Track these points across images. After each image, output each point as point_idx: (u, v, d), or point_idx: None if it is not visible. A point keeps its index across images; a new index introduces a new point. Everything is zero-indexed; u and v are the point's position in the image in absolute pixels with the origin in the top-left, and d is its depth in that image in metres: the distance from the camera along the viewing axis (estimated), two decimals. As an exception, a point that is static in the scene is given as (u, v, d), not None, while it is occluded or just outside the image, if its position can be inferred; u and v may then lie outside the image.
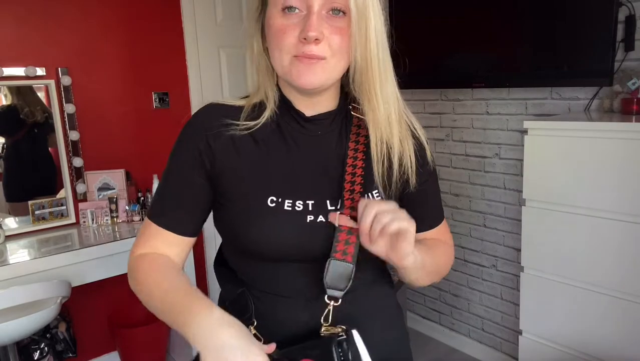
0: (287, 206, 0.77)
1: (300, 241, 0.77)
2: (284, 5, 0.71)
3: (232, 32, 2.96)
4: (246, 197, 0.78)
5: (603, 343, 1.62)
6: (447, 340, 2.82)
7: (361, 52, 0.73)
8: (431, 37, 2.49)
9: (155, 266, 0.80)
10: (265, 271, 0.80)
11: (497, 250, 2.50)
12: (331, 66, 0.73)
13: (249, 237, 0.77)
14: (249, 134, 0.79)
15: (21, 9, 2.30)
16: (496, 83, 2.29)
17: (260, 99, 0.81)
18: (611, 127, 1.55)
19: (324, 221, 0.77)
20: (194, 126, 0.83)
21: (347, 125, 0.83)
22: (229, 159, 0.79)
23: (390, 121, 0.77)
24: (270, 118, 0.80)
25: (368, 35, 0.72)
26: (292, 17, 0.71)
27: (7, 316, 1.81)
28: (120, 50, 2.60)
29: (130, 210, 2.53)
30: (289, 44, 0.72)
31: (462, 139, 2.56)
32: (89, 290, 2.48)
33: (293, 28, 0.71)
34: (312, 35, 0.69)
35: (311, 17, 0.69)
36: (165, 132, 2.80)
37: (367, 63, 0.73)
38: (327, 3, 0.70)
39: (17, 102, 2.38)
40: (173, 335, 2.71)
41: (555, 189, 1.67)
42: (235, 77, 3.00)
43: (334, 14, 0.71)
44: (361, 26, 0.71)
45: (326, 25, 0.71)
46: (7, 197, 2.40)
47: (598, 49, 1.85)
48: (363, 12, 0.70)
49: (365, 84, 0.75)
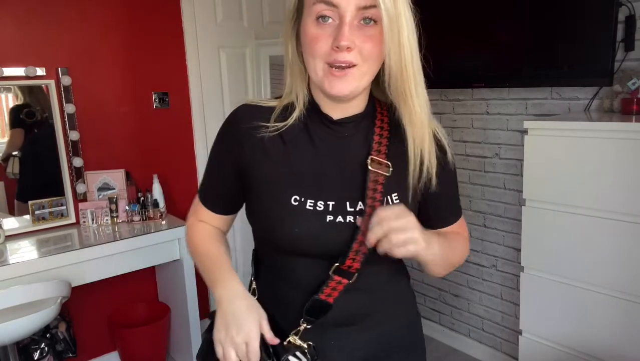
0: (309, 205, 0.82)
1: (319, 240, 0.82)
2: (317, 15, 0.74)
3: (232, 32, 2.96)
4: (272, 195, 0.84)
5: (603, 343, 1.62)
6: (447, 340, 2.82)
7: (395, 59, 0.75)
8: (431, 37, 2.48)
9: (201, 234, 0.96)
10: (284, 261, 0.87)
11: (497, 250, 2.50)
12: (362, 72, 0.77)
13: (272, 232, 0.84)
14: (278, 134, 0.85)
15: (21, 9, 2.30)
16: (496, 83, 2.29)
17: (291, 100, 0.86)
18: (611, 127, 1.55)
19: (342, 222, 0.82)
20: (228, 126, 0.90)
21: (373, 128, 0.85)
22: (259, 160, 0.85)
23: (423, 123, 0.80)
24: (298, 119, 0.84)
25: (401, 42, 0.75)
26: (326, 26, 0.75)
27: (7, 316, 1.81)
28: (120, 51, 2.60)
29: (130, 210, 2.53)
30: (322, 52, 0.75)
31: (462, 139, 2.56)
32: (89, 290, 2.48)
33: (326, 37, 0.75)
34: (344, 44, 0.73)
35: (343, 27, 0.73)
36: (165, 132, 2.80)
37: (402, 68, 0.76)
38: (358, 13, 0.73)
39: (30, 101, 2.40)
40: (173, 335, 2.71)
41: (555, 189, 1.67)
42: (235, 77, 3.00)
43: (366, 23, 0.74)
44: (394, 34, 0.74)
45: (358, 34, 0.74)
46: (18, 196, 2.43)
47: (598, 49, 1.85)
48: (395, 21, 0.73)
49: (400, 88, 0.78)
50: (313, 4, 0.75)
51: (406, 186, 0.84)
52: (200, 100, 2.90)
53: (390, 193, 0.84)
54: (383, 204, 0.82)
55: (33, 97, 2.40)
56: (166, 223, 2.50)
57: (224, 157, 0.91)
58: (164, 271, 2.69)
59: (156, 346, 2.59)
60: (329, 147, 0.85)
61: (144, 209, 2.55)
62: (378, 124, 0.85)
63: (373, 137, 0.84)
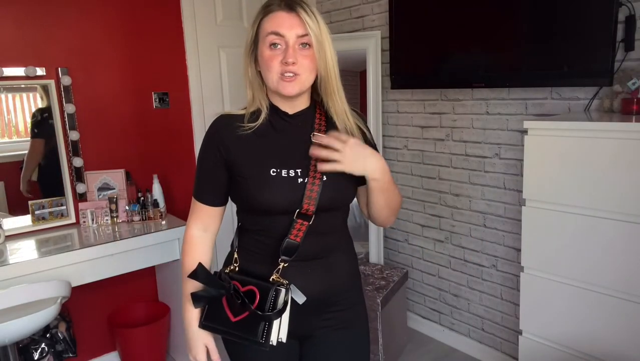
0: (284, 174, 1.14)
1: (295, 197, 1.13)
2: (270, 43, 1.10)
3: (232, 32, 2.96)
4: (255, 171, 1.15)
5: (603, 343, 1.62)
6: (447, 340, 2.82)
7: (323, 68, 1.13)
8: (431, 38, 2.49)
9: (191, 253, 1.26)
10: (264, 220, 1.17)
11: (497, 250, 2.50)
12: (303, 79, 1.13)
13: (261, 198, 1.13)
14: (252, 132, 1.17)
15: (21, 9, 2.30)
16: (496, 83, 2.29)
17: (255, 107, 1.19)
18: (611, 127, 1.55)
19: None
20: (212, 134, 1.20)
21: (314, 117, 1.21)
22: (241, 150, 1.17)
23: (345, 110, 1.19)
24: (264, 119, 1.18)
25: (326, 58, 1.12)
26: (277, 50, 1.10)
27: (7, 316, 1.81)
28: (120, 50, 2.60)
29: (130, 210, 2.53)
30: (276, 68, 1.10)
31: (462, 139, 2.56)
32: (89, 290, 2.48)
33: (278, 57, 1.10)
34: (290, 60, 1.09)
35: (289, 50, 1.09)
36: (165, 132, 2.80)
37: (328, 74, 1.14)
38: (298, 40, 1.10)
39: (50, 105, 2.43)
40: (173, 335, 2.71)
41: (555, 189, 1.67)
42: (235, 77, 3.00)
43: (303, 46, 1.11)
44: (321, 53, 1.11)
45: (298, 53, 1.10)
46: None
47: (598, 49, 1.85)
48: (321, 44, 1.11)
49: (328, 89, 1.16)
50: (266, 36, 1.10)
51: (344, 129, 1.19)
52: (200, 100, 2.90)
53: None
54: None
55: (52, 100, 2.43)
56: (166, 223, 2.50)
57: (212, 159, 1.19)
58: (164, 271, 2.69)
59: (156, 346, 2.59)
60: (290, 134, 1.19)
61: (144, 209, 2.55)
62: (317, 115, 1.21)
63: (315, 122, 1.20)
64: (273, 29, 1.09)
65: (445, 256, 2.76)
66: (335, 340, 1.26)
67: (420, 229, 2.87)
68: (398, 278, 2.67)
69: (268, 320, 1.10)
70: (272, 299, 1.10)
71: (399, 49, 2.63)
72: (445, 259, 2.76)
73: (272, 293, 1.11)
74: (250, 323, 1.12)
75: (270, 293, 1.11)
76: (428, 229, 2.83)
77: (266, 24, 1.10)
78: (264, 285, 1.12)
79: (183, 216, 2.64)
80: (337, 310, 1.25)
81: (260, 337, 1.10)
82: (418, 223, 2.88)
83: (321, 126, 1.19)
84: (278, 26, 1.09)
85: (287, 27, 1.09)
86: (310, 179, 1.13)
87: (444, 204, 2.71)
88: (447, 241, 2.73)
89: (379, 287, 2.54)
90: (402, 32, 2.61)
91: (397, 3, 2.60)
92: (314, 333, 1.24)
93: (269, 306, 1.10)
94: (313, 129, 1.19)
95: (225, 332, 1.16)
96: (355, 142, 1.09)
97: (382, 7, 2.80)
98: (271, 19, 1.10)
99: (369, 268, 2.82)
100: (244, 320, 1.12)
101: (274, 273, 1.14)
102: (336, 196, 1.16)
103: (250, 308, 1.10)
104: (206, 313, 1.19)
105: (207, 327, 1.20)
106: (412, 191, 2.88)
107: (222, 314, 1.15)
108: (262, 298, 1.11)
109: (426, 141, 2.74)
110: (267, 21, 1.10)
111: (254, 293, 1.12)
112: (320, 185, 1.12)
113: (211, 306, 1.18)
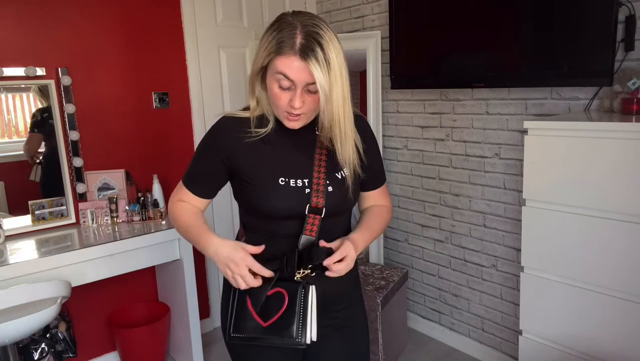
0: (292, 183, 1.18)
1: (301, 206, 1.17)
2: (279, 82, 1.10)
3: (232, 32, 2.96)
4: (264, 179, 1.17)
5: (603, 343, 1.62)
6: (447, 340, 2.82)
7: (328, 115, 1.11)
8: (431, 38, 2.49)
9: (185, 210, 1.27)
10: (273, 224, 1.20)
11: (497, 250, 2.50)
12: (307, 117, 1.16)
13: (269, 205, 1.17)
14: (260, 139, 1.19)
15: (21, 9, 2.30)
16: (496, 83, 2.29)
17: (261, 112, 1.20)
18: (611, 127, 1.55)
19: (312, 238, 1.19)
20: (216, 133, 1.21)
21: (316, 133, 1.23)
22: (248, 156, 1.19)
23: (349, 149, 1.17)
24: (272, 129, 1.19)
25: (332, 106, 1.10)
26: (285, 90, 1.10)
27: (7, 316, 1.81)
28: (120, 50, 2.60)
29: (130, 210, 2.53)
30: (282, 106, 1.12)
31: (462, 139, 2.56)
32: (89, 290, 2.48)
33: (285, 96, 1.11)
34: (297, 106, 1.10)
35: (296, 97, 1.09)
36: (165, 132, 2.80)
37: (332, 121, 1.12)
38: (305, 87, 1.09)
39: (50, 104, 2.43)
40: (173, 335, 2.71)
41: (555, 189, 1.67)
42: (235, 77, 3.00)
43: (310, 91, 1.10)
44: (327, 102, 1.09)
45: (305, 97, 1.11)
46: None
47: (598, 49, 1.85)
48: (328, 93, 1.08)
49: (332, 131, 1.14)
50: (276, 73, 1.09)
51: (348, 163, 1.21)
52: (200, 100, 2.90)
53: (338, 171, 1.21)
54: (331, 174, 1.21)
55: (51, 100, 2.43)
56: (166, 223, 2.50)
57: (212, 157, 1.21)
58: (164, 271, 2.69)
59: (156, 346, 2.59)
60: (297, 145, 1.21)
61: (144, 209, 2.55)
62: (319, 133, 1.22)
63: (317, 138, 1.22)
64: (283, 71, 1.07)
65: (445, 256, 2.76)
66: (336, 339, 1.29)
67: (420, 229, 2.87)
68: (398, 278, 2.67)
69: (303, 319, 1.12)
70: (302, 298, 1.13)
71: (399, 49, 2.63)
72: (445, 259, 2.76)
73: (300, 291, 1.13)
74: (284, 325, 1.13)
75: (300, 292, 1.13)
76: (428, 229, 2.83)
77: (277, 63, 1.08)
78: (290, 285, 1.14)
79: (183, 216, 2.64)
80: (338, 310, 1.28)
81: (297, 336, 1.12)
82: (418, 223, 2.88)
83: (323, 143, 1.21)
84: (288, 71, 1.07)
85: (295, 73, 1.07)
86: (314, 192, 1.18)
87: (444, 204, 2.71)
88: (447, 241, 2.73)
89: (379, 287, 2.54)
90: (402, 32, 2.61)
91: (397, 3, 2.60)
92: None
93: (300, 305, 1.13)
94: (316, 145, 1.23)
95: (258, 339, 1.15)
96: (352, 258, 1.16)
97: (382, 7, 2.80)
98: (283, 61, 1.07)
99: (369, 268, 2.82)
100: (276, 323, 1.13)
101: (296, 273, 1.17)
102: (341, 204, 1.21)
103: (288, 308, 1.13)
104: (233, 327, 1.17)
105: (237, 338, 1.17)
106: (412, 191, 2.87)
107: (250, 323, 1.15)
108: (291, 298, 1.13)
109: (426, 141, 2.74)
110: (279, 60, 1.08)
111: (282, 295, 1.14)
112: (325, 193, 1.18)
113: (237, 317, 1.17)
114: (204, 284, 3.03)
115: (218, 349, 2.80)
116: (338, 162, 1.20)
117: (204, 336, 2.77)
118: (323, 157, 1.22)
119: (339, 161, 1.20)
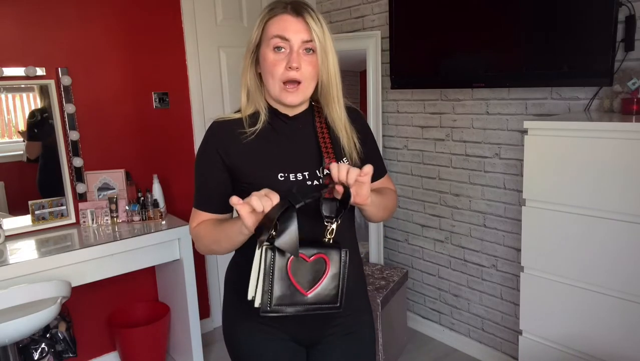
0: (292, 177, 1.14)
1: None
2: (274, 46, 1.09)
3: (232, 32, 2.96)
4: (263, 176, 1.13)
5: (603, 343, 1.62)
6: (447, 340, 2.82)
7: (325, 75, 1.13)
8: (431, 37, 2.49)
9: (205, 229, 1.20)
10: None
11: (497, 250, 2.50)
12: (305, 87, 1.13)
13: None
14: (254, 137, 1.15)
15: (21, 9, 2.30)
16: (496, 83, 2.29)
17: (253, 110, 1.18)
18: (611, 127, 1.55)
19: (317, 184, 1.15)
20: (209, 140, 1.19)
21: (314, 121, 1.22)
22: (244, 156, 1.15)
23: (341, 117, 1.19)
24: (264, 122, 1.16)
25: (328, 64, 1.12)
26: (280, 54, 1.10)
27: (7, 316, 1.81)
28: (121, 50, 2.60)
29: (130, 210, 2.53)
30: (279, 73, 1.10)
31: (462, 139, 2.56)
32: (89, 290, 2.48)
33: (281, 61, 1.09)
34: (294, 65, 1.08)
35: (293, 54, 1.09)
36: (165, 132, 2.80)
37: (329, 83, 1.14)
38: (302, 45, 1.09)
39: (47, 105, 2.43)
40: (173, 335, 2.71)
41: (555, 189, 1.67)
42: (235, 77, 3.00)
43: (307, 52, 1.10)
44: (324, 59, 1.11)
45: (302, 58, 1.10)
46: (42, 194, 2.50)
47: (598, 49, 1.85)
48: (324, 50, 1.10)
49: (328, 97, 1.17)
50: (271, 38, 1.09)
51: (347, 154, 1.21)
52: (200, 100, 2.90)
53: (340, 159, 1.19)
54: (338, 162, 1.15)
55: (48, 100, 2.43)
56: (166, 223, 2.50)
57: (211, 165, 1.18)
58: (164, 271, 2.69)
59: (156, 346, 2.59)
60: (292, 137, 1.19)
61: (144, 209, 2.55)
62: (317, 119, 1.22)
63: (316, 127, 1.21)
64: (278, 33, 1.08)
65: (445, 256, 2.76)
66: (342, 346, 1.26)
67: (420, 229, 2.87)
68: (398, 278, 2.67)
69: (342, 282, 1.06)
70: (344, 260, 1.05)
71: (398, 49, 2.63)
72: (445, 259, 2.76)
73: (342, 253, 1.05)
74: (326, 292, 1.06)
75: (342, 253, 1.05)
76: (428, 229, 2.83)
77: (271, 27, 1.10)
78: (326, 250, 1.06)
79: (183, 216, 2.64)
80: (343, 316, 1.23)
81: (340, 303, 1.07)
82: (418, 223, 2.88)
83: (323, 132, 1.20)
84: (284, 30, 1.08)
85: (292, 31, 1.08)
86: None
87: (444, 204, 2.71)
88: (447, 241, 2.73)
89: (379, 287, 2.54)
90: (402, 32, 2.61)
91: (397, 3, 2.60)
92: (321, 340, 1.24)
93: (342, 267, 1.05)
94: (314, 132, 1.20)
95: (302, 310, 1.05)
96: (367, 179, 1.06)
97: (382, 7, 2.80)
98: (276, 22, 1.09)
99: (369, 268, 2.82)
100: (319, 290, 1.05)
101: (326, 235, 1.06)
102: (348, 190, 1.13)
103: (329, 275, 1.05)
104: (275, 297, 1.04)
105: (277, 311, 1.04)
106: (412, 191, 2.87)
107: (292, 293, 1.04)
108: (333, 262, 1.05)
109: (426, 141, 2.74)
110: (273, 24, 1.10)
111: (324, 260, 1.05)
112: None
113: (279, 287, 1.04)
114: (204, 285, 3.03)
115: (218, 349, 2.80)
116: (340, 150, 1.19)
117: (204, 336, 2.77)
118: (328, 145, 1.19)
119: (341, 148, 1.18)
